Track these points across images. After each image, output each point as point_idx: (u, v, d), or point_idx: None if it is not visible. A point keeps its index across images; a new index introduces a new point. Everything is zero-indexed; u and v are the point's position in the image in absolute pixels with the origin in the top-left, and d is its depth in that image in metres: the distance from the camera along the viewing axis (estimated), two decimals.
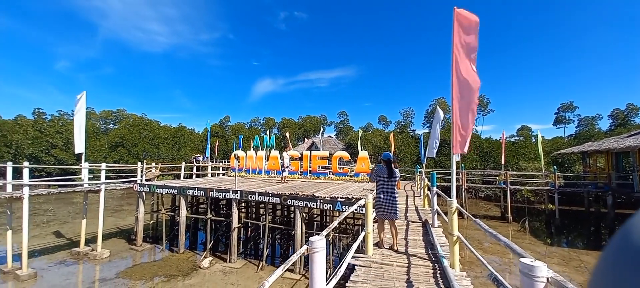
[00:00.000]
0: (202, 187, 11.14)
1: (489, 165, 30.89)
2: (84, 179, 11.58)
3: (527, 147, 30.94)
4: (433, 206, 7.03)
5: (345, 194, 9.60)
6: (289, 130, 43.13)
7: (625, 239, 0.33)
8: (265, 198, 10.12)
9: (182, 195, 11.47)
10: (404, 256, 4.85)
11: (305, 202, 9.55)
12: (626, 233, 0.34)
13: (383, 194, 5.25)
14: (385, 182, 5.26)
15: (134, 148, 36.84)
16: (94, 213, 12.34)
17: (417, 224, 7.26)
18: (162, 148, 39.05)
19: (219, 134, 51.60)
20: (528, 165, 26.54)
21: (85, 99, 11.78)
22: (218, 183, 12.39)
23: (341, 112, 67.99)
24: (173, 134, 42.67)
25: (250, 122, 64.13)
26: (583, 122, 52.94)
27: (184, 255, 11.34)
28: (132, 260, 11.04)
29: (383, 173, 5.25)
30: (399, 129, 49.69)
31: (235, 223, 10.56)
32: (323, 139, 37.42)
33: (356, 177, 14.86)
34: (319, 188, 11.43)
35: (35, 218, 17.79)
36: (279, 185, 12.29)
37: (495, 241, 2.85)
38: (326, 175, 15.75)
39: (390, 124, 62.49)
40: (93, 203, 13.71)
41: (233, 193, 10.56)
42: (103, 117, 45.63)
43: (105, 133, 41.31)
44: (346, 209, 9.17)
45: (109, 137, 38.46)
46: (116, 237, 13.90)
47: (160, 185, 11.87)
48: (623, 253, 0.33)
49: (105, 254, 11.20)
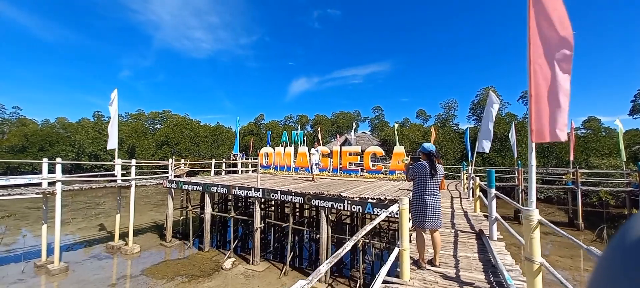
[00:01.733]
0: (225, 184, 10.68)
1: (549, 161, 26.77)
2: (117, 175, 11.88)
3: (599, 140, 26.12)
4: (491, 213, 5.48)
5: (377, 194, 8.32)
6: (321, 126, 42.33)
7: (625, 239, 0.33)
8: (288, 197, 9.27)
9: (207, 192, 11.15)
10: (455, 284, 3.53)
11: (330, 203, 8.48)
12: (626, 234, 0.34)
13: (423, 197, 3.98)
14: (426, 182, 3.98)
15: (176, 146, 39.11)
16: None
17: (468, 235, 5.77)
18: (202, 146, 40.96)
19: (254, 132, 52.82)
20: (601, 162, 22.27)
21: (117, 96, 12.08)
22: (242, 181, 11.89)
23: (376, 107, 65.20)
24: (212, 132, 44.55)
25: (284, 119, 64.73)
26: None
27: (209, 253, 11.03)
28: (159, 256, 11.02)
29: (423, 170, 3.97)
30: (440, 123, 45.90)
31: (257, 223, 9.89)
32: (356, 135, 35.94)
33: (391, 175, 13.38)
34: (348, 186, 10.27)
35: (86, 212, 19.30)
36: (306, 184, 11.38)
37: (559, 249, 1.55)
38: (358, 172, 14.49)
39: (430, 119, 58.33)
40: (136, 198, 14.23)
41: (255, 192, 9.90)
42: (151, 118, 49.36)
43: (153, 132, 44.56)
44: (378, 212, 7.93)
45: (156, 136, 41.34)
46: (151, 232, 14.26)
47: (186, 182, 11.72)
48: (623, 253, 0.33)
49: (135, 249, 11.35)
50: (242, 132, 58.04)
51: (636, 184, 14.76)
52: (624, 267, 0.32)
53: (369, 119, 65.48)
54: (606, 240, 13.19)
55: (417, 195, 4.06)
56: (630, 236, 0.33)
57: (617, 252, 0.34)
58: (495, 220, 5.49)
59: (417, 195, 4.05)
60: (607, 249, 0.36)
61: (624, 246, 0.33)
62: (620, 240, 0.34)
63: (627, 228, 0.34)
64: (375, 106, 66.27)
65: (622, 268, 0.32)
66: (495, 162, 26.21)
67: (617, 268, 0.33)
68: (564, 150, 25.35)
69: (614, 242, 0.35)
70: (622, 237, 0.34)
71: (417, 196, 4.06)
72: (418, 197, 4.04)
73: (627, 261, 0.31)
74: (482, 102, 40.21)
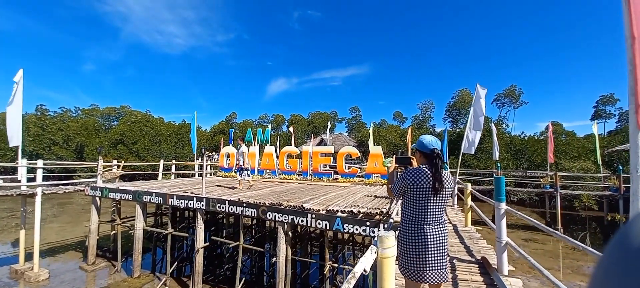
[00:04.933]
0: (161, 192, 8.43)
1: (522, 164, 26.85)
2: (20, 179, 9.17)
3: (569, 144, 26.61)
4: (500, 237, 3.92)
5: (349, 205, 6.59)
6: (296, 126, 40.33)
7: (624, 240, 0.33)
8: (238, 209, 7.28)
9: (138, 201, 8.82)
10: None
11: (291, 217, 6.62)
12: (625, 235, 0.33)
13: (421, 227, 2.28)
14: (427, 201, 2.27)
15: (134, 145, 35.20)
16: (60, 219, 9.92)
17: (468, 267, 4.17)
18: (164, 145, 37.26)
19: (226, 132, 49.57)
20: (572, 164, 22.43)
21: (22, 80, 9.36)
22: (188, 187, 9.65)
23: (353, 108, 64.32)
24: (176, 131, 40.87)
25: (259, 119, 61.85)
26: (625, 116, 46.96)
27: (139, 279, 8.69)
28: (72, 285, 8.51)
29: (421, 181, 2.25)
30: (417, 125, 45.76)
31: (200, 242, 7.77)
32: (332, 136, 34.44)
33: (367, 179, 11.79)
34: (315, 194, 8.45)
35: (7, 221, 15.87)
36: (266, 190, 9.42)
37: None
38: (330, 176, 12.76)
39: (407, 120, 58.46)
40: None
41: (198, 202, 7.79)
42: (106, 113, 44.50)
43: (107, 130, 40.08)
44: (349, 229, 6.21)
45: (109, 134, 37.06)
46: (77, 249, 11.50)
47: (113, 189, 9.27)
48: (622, 254, 0.32)
49: (42, 276, 8.74)
50: (213, 132, 54.44)
51: (614, 188, 14.42)
52: (624, 267, 0.31)
53: (346, 120, 64.63)
54: (589, 245, 12.56)
55: (410, 224, 2.32)
56: (630, 236, 0.32)
57: (618, 252, 0.33)
58: (506, 246, 3.95)
59: (411, 224, 2.31)
60: (608, 249, 0.35)
61: (624, 246, 0.32)
62: (620, 240, 0.33)
63: (628, 228, 0.33)
64: (352, 107, 65.47)
65: (623, 268, 0.31)
66: (471, 164, 25.78)
67: (617, 268, 0.32)
68: (536, 153, 25.47)
69: (614, 242, 0.34)
70: (622, 237, 0.33)
71: (410, 225, 2.32)
72: (411, 228, 2.30)
73: (628, 261, 0.31)
74: (457, 104, 40.47)
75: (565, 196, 16.10)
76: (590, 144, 25.69)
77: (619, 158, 22.64)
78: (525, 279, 3.89)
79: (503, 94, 43.61)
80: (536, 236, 14.33)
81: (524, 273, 9.45)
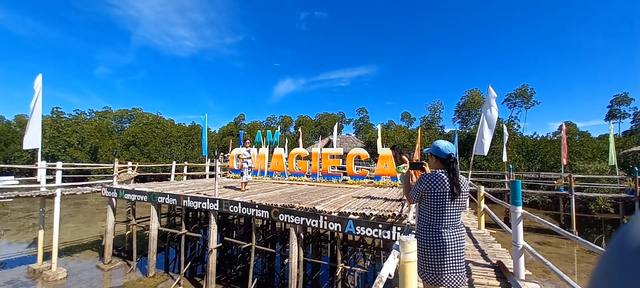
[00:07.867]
0: (175, 194, 8.62)
1: (534, 166, 26.33)
2: (40, 181, 9.51)
3: (583, 144, 25.95)
4: (517, 241, 3.90)
5: (360, 208, 6.61)
6: (303, 127, 40.48)
7: (625, 240, 0.33)
8: (250, 211, 7.39)
9: (153, 202, 9.03)
10: None
11: (303, 219, 6.69)
12: (625, 234, 0.34)
13: (438, 231, 2.31)
14: (445, 206, 2.30)
15: (145, 146, 35.94)
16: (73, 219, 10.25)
17: (484, 271, 4.15)
18: (174, 147, 37.93)
19: (234, 133, 50.09)
20: (587, 166, 21.88)
21: (41, 83, 9.70)
22: (201, 188, 9.83)
23: (360, 109, 64.11)
24: (186, 132, 41.54)
25: (266, 120, 62.27)
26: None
27: (153, 279, 8.90)
28: (89, 284, 8.77)
29: (439, 186, 2.29)
30: (425, 125, 45.30)
31: (213, 243, 7.92)
32: (340, 137, 34.42)
33: (377, 181, 11.77)
34: (326, 196, 8.51)
35: (24, 221, 16.43)
36: (277, 192, 9.52)
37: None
38: (339, 177, 12.80)
39: (415, 121, 57.98)
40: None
41: (211, 203, 7.94)
42: (119, 116, 45.54)
43: (119, 132, 41.01)
44: (361, 231, 6.23)
45: (122, 136, 37.92)
46: (93, 248, 11.85)
47: (129, 190, 9.52)
48: (622, 253, 0.33)
49: (60, 275, 9.03)
50: (221, 133, 55.09)
51: (630, 190, 14.02)
52: (624, 266, 0.31)
53: (354, 121, 64.47)
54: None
55: (427, 228, 2.36)
56: (630, 236, 0.32)
57: (617, 252, 0.33)
58: (523, 250, 3.92)
59: (428, 228, 2.35)
60: (608, 249, 0.35)
61: (624, 246, 0.33)
62: (620, 240, 0.34)
63: (627, 229, 0.34)
64: (360, 108, 65.32)
65: (623, 268, 0.31)
66: (482, 165, 25.40)
67: (617, 268, 0.32)
68: (549, 154, 24.94)
69: (614, 242, 0.34)
70: (622, 237, 0.34)
71: (427, 229, 2.36)
72: (429, 231, 2.34)
73: (628, 261, 0.31)
74: (467, 105, 39.89)
75: (579, 198, 15.72)
76: (605, 144, 25.06)
77: (634, 159, 22.02)
78: (540, 283, 3.85)
79: (514, 93, 42.80)
80: (550, 239, 14.03)
81: (538, 276, 9.29)
